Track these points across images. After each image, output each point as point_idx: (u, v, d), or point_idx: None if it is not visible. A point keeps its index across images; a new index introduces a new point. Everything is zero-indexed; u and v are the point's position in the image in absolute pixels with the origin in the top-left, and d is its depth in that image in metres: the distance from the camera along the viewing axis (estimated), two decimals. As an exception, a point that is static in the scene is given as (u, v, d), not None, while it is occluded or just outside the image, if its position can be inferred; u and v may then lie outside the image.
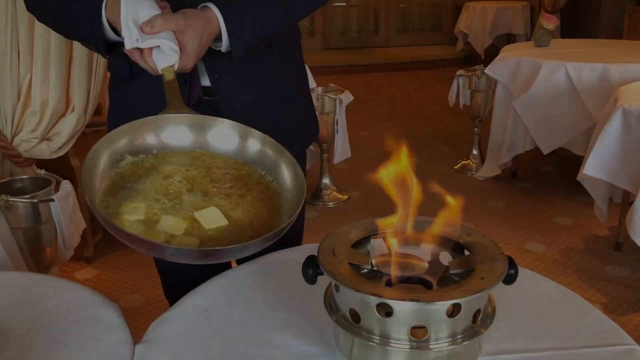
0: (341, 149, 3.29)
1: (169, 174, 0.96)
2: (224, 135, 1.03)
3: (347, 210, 3.34)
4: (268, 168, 1.02)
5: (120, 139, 0.97)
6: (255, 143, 1.03)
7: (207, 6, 1.06)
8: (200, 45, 1.03)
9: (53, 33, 2.01)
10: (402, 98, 5.81)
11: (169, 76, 1.01)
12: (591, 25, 6.20)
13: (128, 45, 1.00)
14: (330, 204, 3.40)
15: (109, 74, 2.46)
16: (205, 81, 1.20)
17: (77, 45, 2.09)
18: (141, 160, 0.98)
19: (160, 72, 1.01)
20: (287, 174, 1.01)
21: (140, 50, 1.00)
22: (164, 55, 1.00)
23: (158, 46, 1.00)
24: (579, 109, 3.10)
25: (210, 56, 1.14)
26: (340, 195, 3.46)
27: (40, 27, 2.01)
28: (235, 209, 0.94)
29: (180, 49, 1.00)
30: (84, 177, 0.89)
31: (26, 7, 1.20)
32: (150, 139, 1.00)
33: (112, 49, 1.12)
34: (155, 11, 1.01)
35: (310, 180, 3.30)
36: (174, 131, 1.01)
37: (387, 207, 3.10)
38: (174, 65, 1.01)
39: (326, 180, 3.46)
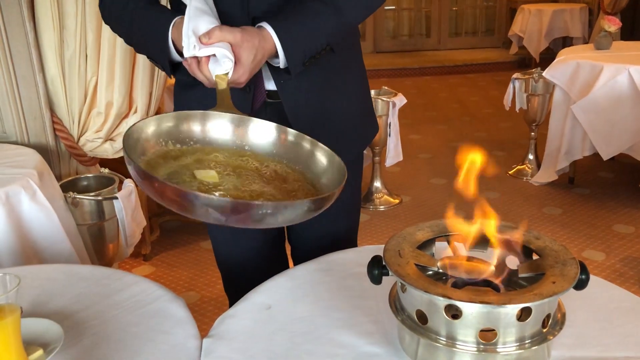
0: (393, 152, 3.27)
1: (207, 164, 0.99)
2: (263, 132, 1.05)
3: (398, 213, 3.33)
4: (304, 161, 1.03)
5: (165, 123, 1.00)
6: (292, 138, 1.05)
7: (262, 26, 1.10)
8: (254, 61, 1.06)
9: (118, 38, 2.09)
10: (455, 102, 5.74)
11: (222, 84, 1.03)
12: (654, 27, 5.98)
13: (187, 54, 1.04)
14: (382, 208, 3.39)
15: (170, 79, 2.53)
16: (271, 85, 1.22)
17: (140, 48, 2.17)
18: (182, 150, 1.00)
19: (214, 79, 1.04)
20: (324, 161, 1.02)
21: (198, 60, 1.04)
22: (219, 63, 1.03)
23: (214, 55, 1.03)
24: (642, 114, 3.00)
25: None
26: (391, 199, 3.44)
27: (106, 32, 2.09)
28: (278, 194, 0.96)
29: (235, 61, 1.03)
30: (128, 141, 0.90)
31: (104, 21, 1.27)
32: (195, 130, 1.03)
33: (176, 69, 1.19)
34: (215, 24, 1.05)
35: (362, 183, 3.31)
36: (216, 126, 1.04)
37: (439, 212, 3.07)
38: (227, 73, 1.03)
39: (377, 184, 3.45)
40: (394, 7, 7.65)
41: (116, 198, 1.99)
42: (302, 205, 0.85)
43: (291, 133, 1.05)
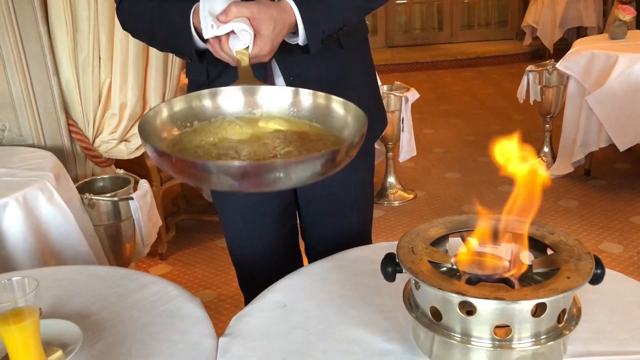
0: (407, 147, 3.26)
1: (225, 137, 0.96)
2: (276, 96, 1.01)
3: (413, 209, 3.32)
4: (322, 118, 0.99)
5: (177, 107, 0.97)
6: (306, 97, 1.01)
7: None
8: (275, 31, 1.04)
9: (131, 40, 2.11)
10: (468, 95, 5.70)
11: (244, 60, 1.02)
12: (670, 15, 5.88)
13: (206, 35, 1.03)
14: (396, 203, 3.38)
15: (182, 78, 2.55)
16: (280, 81, 1.23)
17: (153, 50, 2.18)
18: (195, 129, 0.97)
19: (235, 56, 1.02)
20: (341, 112, 0.97)
21: (220, 40, 1.04)
22: (238, 39, 1.02)
23: (234, 33, 1.02)
24: (659, 104, 2.96)
25: (286, 58, 1.17)
26: (405, 194, 3.43)
27: (119, 34, 2.10)
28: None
29: (254, 34, 1.02)
30: (144, 127, 0.88)
31: (122, 27, 1.27)
32: (207, 106, 1.00)
33: (203, 57, 1.16)
34: (230, 1, 1.04)
35: (376, 179, 3.29)
36: (228, 99, 1.01)
37: (454, 206, 3.04)
38: (247, 48, 1.02)
39: (391, 179, 3.45)
40: (405, 1, 7.60)
41: (132, 198, 2.01)
42: (318, 158, 0.80)
43: (304, 92, 1.01)
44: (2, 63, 2.04)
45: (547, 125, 3.68)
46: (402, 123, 3.19)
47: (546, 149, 3.72)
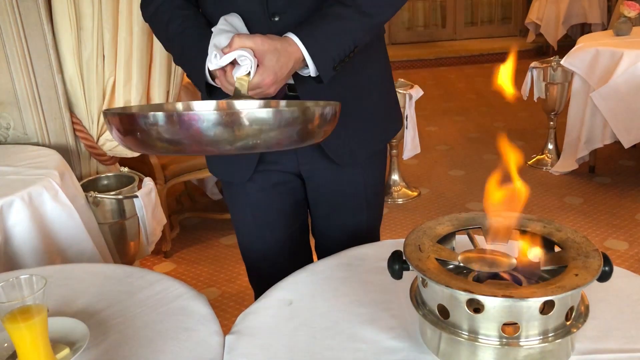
0: (411, 145, 3.26)
1: None
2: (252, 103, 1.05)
3: (416, 206, 3.32)
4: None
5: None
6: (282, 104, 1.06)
7: (286, 35, 1.09)
8: (279, 63, 1.05)
9: (135, 38, 2.11)
10: (472, 92, 5.69)
11: (242, 87, 1.02)
12: (674, 11, 5.85)
13: (211, 67, 1.05)
14: (400, 201, 3.38)
15: (186, 77, 2.54)
16: (290, 79, 1.22)
17: (157, 48, 2.18)
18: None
19: (235, 84, 1.03)
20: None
21: (225, 71, 1.05)
22: (240, 67, 1.03)
23: (238, 64, 1.03)
24: (664, 100, 2.95)
25: None
26: (409, 192, 3.43)
27: (123, 32, 2.10)
28: None
29: (257, 65, 1.03)
30: (109, 111, 0.91)
31: (144, 18, 1.30)
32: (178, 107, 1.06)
33: (213, 92, 1.19)
34: None
35: (380, 176, 3.29)
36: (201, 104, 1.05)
37: (458, 204, 3.02)
38: (249, 74, 1.02)
39: (395, 177, 3.44)
40: (408, -2, 7.58)
41: (136, 196, 2.01)
42: (284, 114, 0.82)
43: (282, 103, 1.05)
44: (7, 61, 2.04)
45: (552, 122, 3.67)
46: (406, 120, 3.18)
47: (550, 146, 3.71)
